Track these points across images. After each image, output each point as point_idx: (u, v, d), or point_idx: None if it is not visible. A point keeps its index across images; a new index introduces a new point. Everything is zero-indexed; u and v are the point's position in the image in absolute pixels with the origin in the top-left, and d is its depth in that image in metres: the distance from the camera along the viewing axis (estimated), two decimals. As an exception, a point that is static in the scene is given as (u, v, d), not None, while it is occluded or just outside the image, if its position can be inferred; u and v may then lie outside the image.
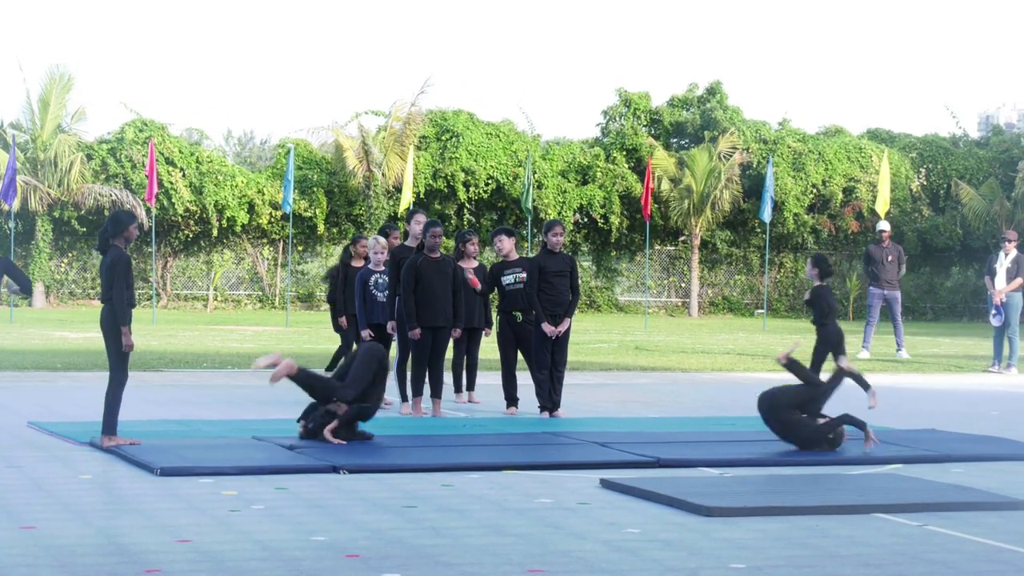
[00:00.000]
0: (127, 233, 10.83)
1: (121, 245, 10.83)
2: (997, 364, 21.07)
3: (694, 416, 13.80)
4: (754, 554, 7.09)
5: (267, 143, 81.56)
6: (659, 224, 42.95)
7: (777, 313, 43.59)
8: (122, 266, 10.71)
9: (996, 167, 44.46)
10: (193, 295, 41.04)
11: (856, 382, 11.85)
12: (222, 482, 9.14)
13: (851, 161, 43.80)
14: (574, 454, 10.71)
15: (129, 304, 10.71)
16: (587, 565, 6.80)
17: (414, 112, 40.63)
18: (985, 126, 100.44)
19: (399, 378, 14.15)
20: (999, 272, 21.04)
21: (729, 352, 24.12)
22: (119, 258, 10.73)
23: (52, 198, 38.46)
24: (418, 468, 9.87)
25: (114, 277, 10.68)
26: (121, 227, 10.82)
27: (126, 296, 10.70)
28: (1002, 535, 7.73)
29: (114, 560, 6.69)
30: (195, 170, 39.61)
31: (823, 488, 9.09)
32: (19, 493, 8.61)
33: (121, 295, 10.69)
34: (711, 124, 43.86)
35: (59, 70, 39.54)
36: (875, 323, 23.88)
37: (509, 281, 13.81)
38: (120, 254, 10.72)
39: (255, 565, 6.64)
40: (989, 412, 14.69)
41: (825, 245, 44.21)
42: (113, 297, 10.69)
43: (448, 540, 7.35)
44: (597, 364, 20.50)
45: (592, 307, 42.90)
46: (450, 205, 41.15)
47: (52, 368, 18.09)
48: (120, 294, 10.68)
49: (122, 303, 10.70)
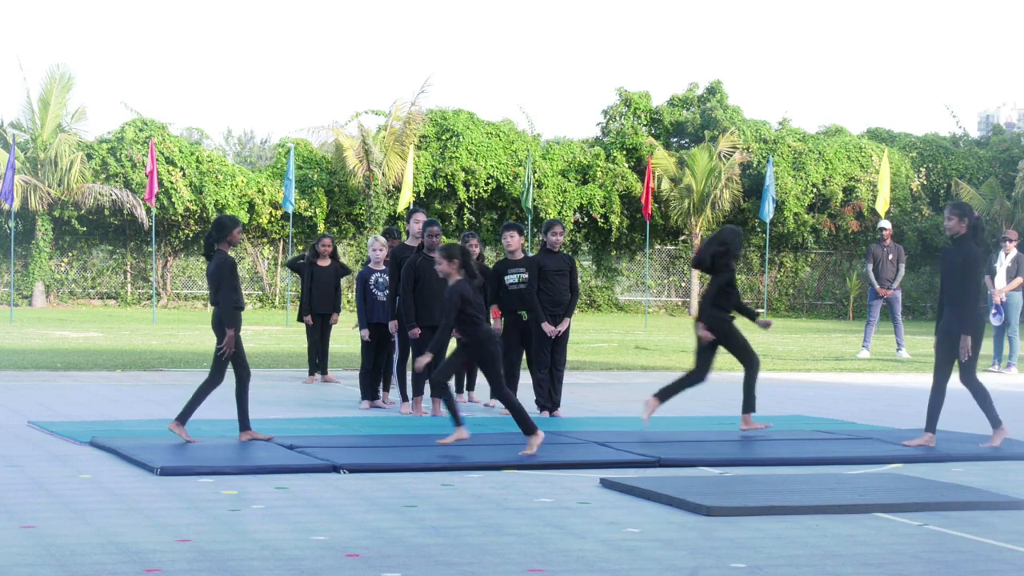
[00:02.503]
0: (231, 237, 10.95)
1: (225, 249, 10.92)
2: (997, 364, 21.07)
3: (694, 416, 13.80)
4: (754, 554, 7.09)
5: (267, 143, 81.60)
6: (659, 224, 42.94)
7: (777, 313, 43.58)
8: (227, 269, 10.81)
9: (996, 166, 44.45)
10: (193, 294, 41.03)
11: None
12: (222, 482, 9.14)
13: (851, 161, 43.79)
14: (574, 454, 10.70)
15: (236, 307, 10.80)
16: (587, 564, 6.80)
17: (414, 112, 40.62)
18: (985, 125, 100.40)
19: (399, 378, 14.15)
20: (999, 271, 21.03)
21: (729, 352, 24.09)
22: (224, 262, 10.84)
23: (52, 197, 38.45)
24: (418, 468, 9.87)
25: (220, 280, 10.78)
26: (225, 231, 10.93)
27: (232, 299, 10.74)
28: (1002, 535, 7.73)
29: (114, 559, 6.68)
30: (195, 170, 39.61)
31: (823, 488, 9.08)
32: (19, 493, 8.61)
33: (228, 298, 10.75)
34: (711, 124, 43.86)
35: (59, 70, 39.56)
36: (875, 323, 23.87)
37: (512, 280, 13.74)
38: (225, 258, 10.83)
39: (255, 565, 6.63)
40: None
41: (825, 245, 44.21)
42: (220, 301, 10.74)
43: (448, 539, 7.35)
44: (597, 364, 20.50)
45: (592, 306, 42.89)
46: (450, 205, 41.15)
47: (52, 368, 18.08)
48: (227, 297, 10.75)
49: (228, 306, 10.75)
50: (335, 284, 16.92)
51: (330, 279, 16.79)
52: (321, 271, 16.83)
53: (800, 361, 22.17)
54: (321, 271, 16.83)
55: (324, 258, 16.92)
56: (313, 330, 16.91)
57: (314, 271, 16.84)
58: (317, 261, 16.88)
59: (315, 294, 16.79)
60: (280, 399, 14.69)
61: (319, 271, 16.84)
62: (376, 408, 14.17)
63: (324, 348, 16.98)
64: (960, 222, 11.27)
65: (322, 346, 16.95)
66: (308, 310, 16.80)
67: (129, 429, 11.72)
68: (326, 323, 16.91)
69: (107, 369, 18.10)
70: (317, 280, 16.80)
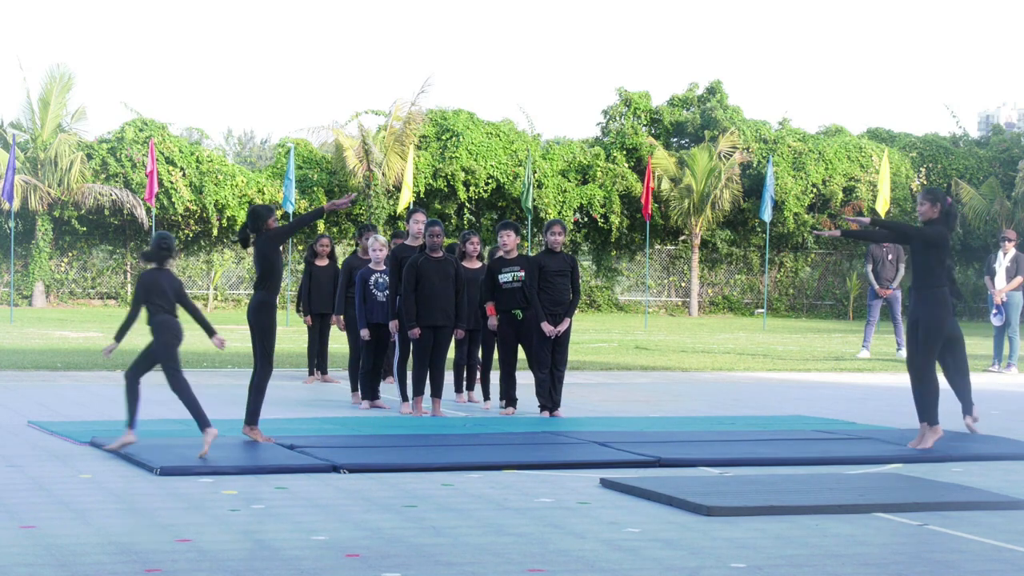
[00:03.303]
0: (265, 226, 10.99)
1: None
2: (997, 363, 21.06)
3: (694, 416, 13.80)
4: (754, 554, 7.09)
5: (267, 142, 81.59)
6: (659, 224, 42.94)
7: (777, 312, 43.58)
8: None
9: (996, 166, 44.44)
10: (193, 294, 41.03)
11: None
12: (222, 482, 9.14)
13: (851, 160, 43.79)
14: (574, 454, 10.70)
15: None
16: (587, 564, 6.80)
17: (414, 112, 40.62)
18: (985, 125, 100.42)
19: (399, 378, 14.14)
20: (999, 271, 21.03)
21: (729, 351, 24.11)
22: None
23: (52, 197, 38.45)
24: (418, 468, 9.87)
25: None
26: (260, 221, 11.03)
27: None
28: (1002, 535, 7.73)
29: (114, 559, 6.69)
30: (195, 169, 39.61)
31: (823, 488, 9.09)
32: (19, 493, 8.61)
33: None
34: (711, 124, 43.86)
35: (59, 70, 39.56)
36: (875, 323, 23.88)
37: (507, 279, 13.71)
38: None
39: (255, 565, 6.63)
40: (989, 412, 14.68)
41: (825, 244, 44.22)
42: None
43: (448, 539, 7.35)
44: (597, 364, 20.50)
45: (592, 306, 42.90)
46: (450, 204, 41.15)
47: (52, 368, 18.09)
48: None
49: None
50: (334, 284, 16.94)
51: (328, 279, 16.80)
52: (320, 271, 16.85)
53: (800, 361, 22.18)
54: (320, 271, 16.85)
55: (322, 258, 16.94)
56: (312, 330, 16.96)
57: (312, 271, 16.86)
58: (315, 261, 16.90)
59: (313, 294, 16.81)
60: (280, 399, 14.68)
61: (317, 271, 16.86)
62: (376, 408, 14.18)
63: (323, 348, 17.02)
64: (932, 207, 11.30)
65: (321, 346, 16.98)
66: (308, 310, 16.84)
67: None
68: (325, 323, 16.93)
69: (107, 369, 18.09)
70: (315, 280, 16.82)
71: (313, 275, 16.87)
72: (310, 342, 17.02)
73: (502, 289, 13.72)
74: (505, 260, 13.79)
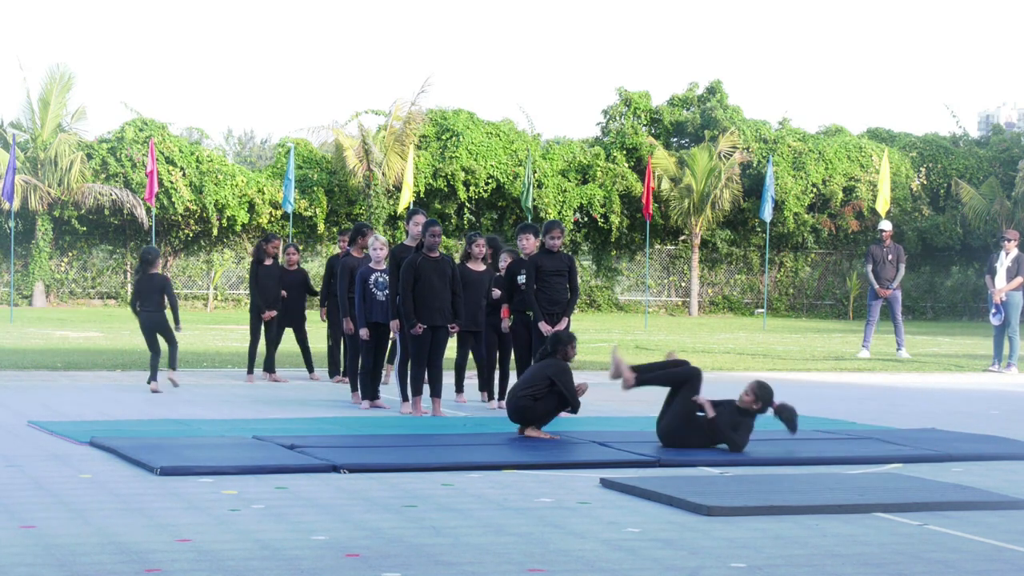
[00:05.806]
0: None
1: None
2: (997, 363, 21.06)
3: (694, 416, 13.76)
4: (754, 554, 7.09)
5: (267, 142, 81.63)
6: (659, 223, 42.95)
7: (777, 312, 43.58)
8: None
9: (996, 166, 44.46)
10: (193, 294, 41.03)
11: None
12: (222, 482, 9.13)
13: (851, 160, 43.80)
14: (574, 454, 10.70)
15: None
16: (587, 564, 6.80)
17: (414, 111, 40.63)
18: (985, 125, 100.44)
19: (399, 378, 14.14)
20: (999, 271, 21.03)
21: (729, 351, 24.11)
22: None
23: (52, 197, 38.47)
24: (418, 468, 9.86)
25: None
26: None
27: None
28: (1002, 535, 7.73)
29: (114, 559, 6.68)
30: (195, 169, 39.61)
31: (823, 488, 9.08)
32: (19, 492, 8.61)
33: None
34: (711, 123, 43.87)
35: (59, 69, 39.59)
36: (875, 322, 23.87)
37: (522, 280, 13.81)
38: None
39: (255, 565, 6.63)
40: (989, 412, 14.68)
41: (825, 244, 44.22)
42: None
43: (448, 539, 7.34)
44: (597, 364, 20.49)
45: (592, 306, 42.90)
46: (450, 204, 41.15)
47: (52, 368, 18.09)
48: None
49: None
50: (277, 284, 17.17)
51: (273, 280, 17.00)
52: (265, 271, 17.03)
53: (800, 361, 22.17)
54: (265, 271, 17.03)
55: (269, 258, 17.13)
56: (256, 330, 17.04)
57: (259, 272, 17.06)
58: (265, 261, 17.10)
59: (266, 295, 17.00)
60: (280, 399, 14.69)
61: (263, 271, 17.05)
62: (376, 408, 14.17)
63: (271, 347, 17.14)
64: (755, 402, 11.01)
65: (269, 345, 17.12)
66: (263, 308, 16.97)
67: (129, 429, 11.71)
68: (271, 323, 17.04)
69: (107, 369, 18.09)
70: (262, 281, 17.00)
71: (259, 276, 17.02)
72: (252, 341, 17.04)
73: (519, 290, 13.82)
74: (523, 262, 13.89)
